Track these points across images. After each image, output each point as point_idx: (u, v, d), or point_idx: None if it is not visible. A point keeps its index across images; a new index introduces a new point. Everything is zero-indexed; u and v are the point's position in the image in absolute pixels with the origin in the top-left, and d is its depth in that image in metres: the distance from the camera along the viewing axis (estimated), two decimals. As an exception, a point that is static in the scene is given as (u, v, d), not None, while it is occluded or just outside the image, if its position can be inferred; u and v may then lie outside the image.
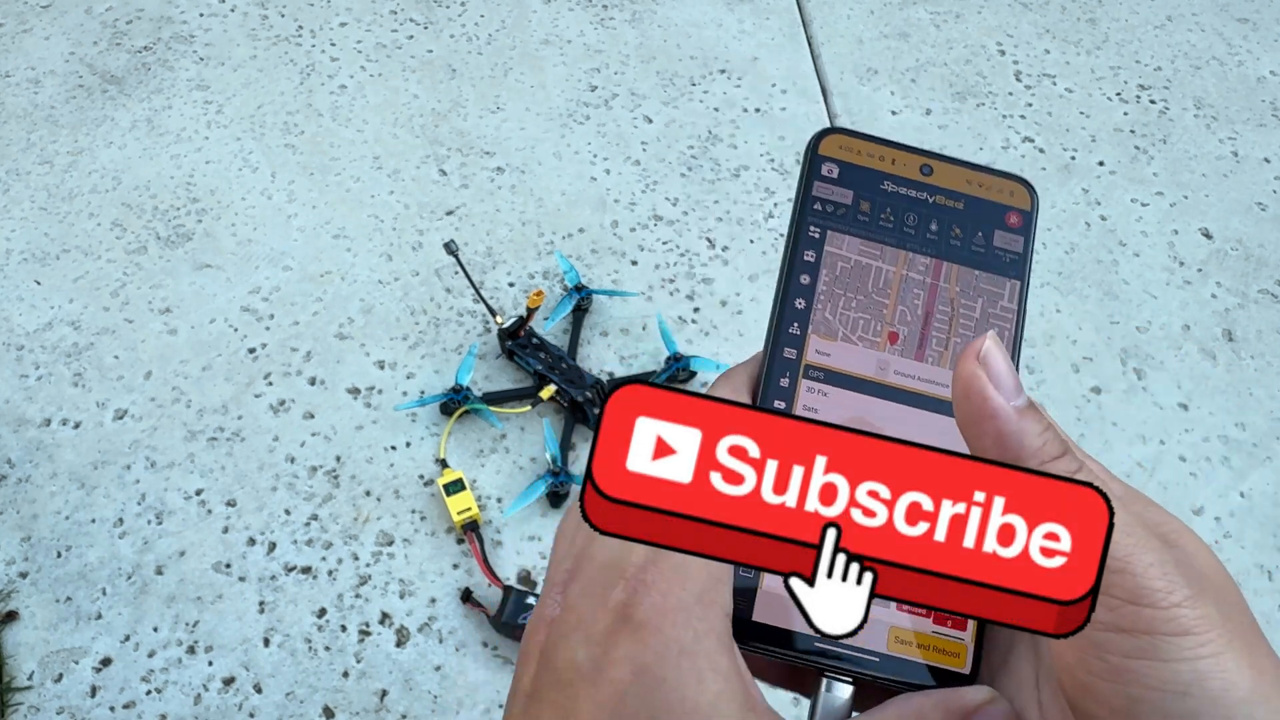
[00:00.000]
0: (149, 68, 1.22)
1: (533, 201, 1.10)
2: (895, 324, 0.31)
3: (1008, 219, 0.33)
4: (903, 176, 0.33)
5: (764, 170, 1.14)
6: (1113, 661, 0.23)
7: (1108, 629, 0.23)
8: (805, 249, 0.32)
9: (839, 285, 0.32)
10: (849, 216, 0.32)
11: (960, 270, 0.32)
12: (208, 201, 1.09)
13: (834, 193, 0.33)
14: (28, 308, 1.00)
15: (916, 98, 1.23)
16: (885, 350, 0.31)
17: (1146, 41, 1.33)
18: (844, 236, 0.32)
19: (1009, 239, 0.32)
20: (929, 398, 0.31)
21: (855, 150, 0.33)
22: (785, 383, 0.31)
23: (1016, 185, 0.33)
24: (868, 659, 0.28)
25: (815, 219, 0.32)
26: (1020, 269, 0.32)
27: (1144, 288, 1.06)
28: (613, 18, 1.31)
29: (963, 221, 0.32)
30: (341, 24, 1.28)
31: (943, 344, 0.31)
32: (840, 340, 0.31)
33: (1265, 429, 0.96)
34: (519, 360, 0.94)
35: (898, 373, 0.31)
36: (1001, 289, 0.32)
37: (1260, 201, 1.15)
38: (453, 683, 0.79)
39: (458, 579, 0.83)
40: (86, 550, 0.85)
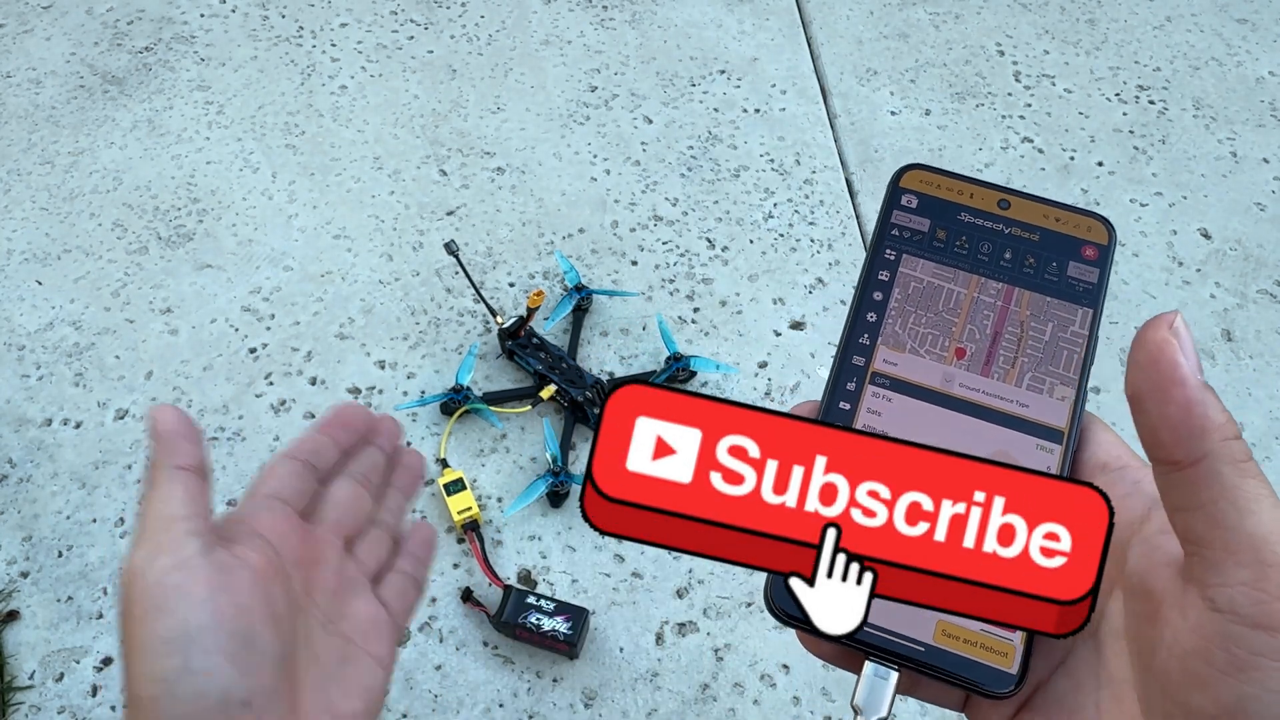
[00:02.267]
0: (150, 68, 1.22)
1: (533, 202, 1.10)
2: (964, 341, 0.33)
3: (1083, 251, 0.34)
4: (979, 209, 0.35)
5: (764, 170, 1.14)
6: (1239, 656, 0.22)
7: (1244, 623, 0.22)
8: (880, 270, 0.34)
9: (910, 303, 0.33)
10: (924, 242, 0.34)
11: (1032, 296, 0.33)
12: (208, 202, 1.09)
13: (911, 221, 0.35)
14: (29, 308, 1.00)
15: (916, 98, 1.23)
16: (952, 364, 0.32)
17: (1145, 42, 1.33)
18: (919, 260, 0.34)
19: (1083, 270, 0.34)
20: (991, 410, 0.32)
21: (935, 184, 0.35)
22: (852, 387, 0.32)
23: (1094, 221, 0.34)
24: (912, 648, 0.29)
25: (891, 243, 0.34)
26: (1094, 298, 0.33)
27: (1143, 288, 1.06)
28: (613, 18, 1.31)
29: (1037, 252, 0.34)
30: (342, 25, 1.28)
31: (1009, 362, 0.32)
32: (908, 352, 0.33)
33: (1264, 429, 0.96)
34: (519, 360, 0.94)
35: (962, 385, 0.32)
36: (1073, 315, 0.33)
37: (1259, 202, 1.15)
38: (453, 682, 0.79)
39: (458, 578, 0.84)
40: (88, 550, 0.85)
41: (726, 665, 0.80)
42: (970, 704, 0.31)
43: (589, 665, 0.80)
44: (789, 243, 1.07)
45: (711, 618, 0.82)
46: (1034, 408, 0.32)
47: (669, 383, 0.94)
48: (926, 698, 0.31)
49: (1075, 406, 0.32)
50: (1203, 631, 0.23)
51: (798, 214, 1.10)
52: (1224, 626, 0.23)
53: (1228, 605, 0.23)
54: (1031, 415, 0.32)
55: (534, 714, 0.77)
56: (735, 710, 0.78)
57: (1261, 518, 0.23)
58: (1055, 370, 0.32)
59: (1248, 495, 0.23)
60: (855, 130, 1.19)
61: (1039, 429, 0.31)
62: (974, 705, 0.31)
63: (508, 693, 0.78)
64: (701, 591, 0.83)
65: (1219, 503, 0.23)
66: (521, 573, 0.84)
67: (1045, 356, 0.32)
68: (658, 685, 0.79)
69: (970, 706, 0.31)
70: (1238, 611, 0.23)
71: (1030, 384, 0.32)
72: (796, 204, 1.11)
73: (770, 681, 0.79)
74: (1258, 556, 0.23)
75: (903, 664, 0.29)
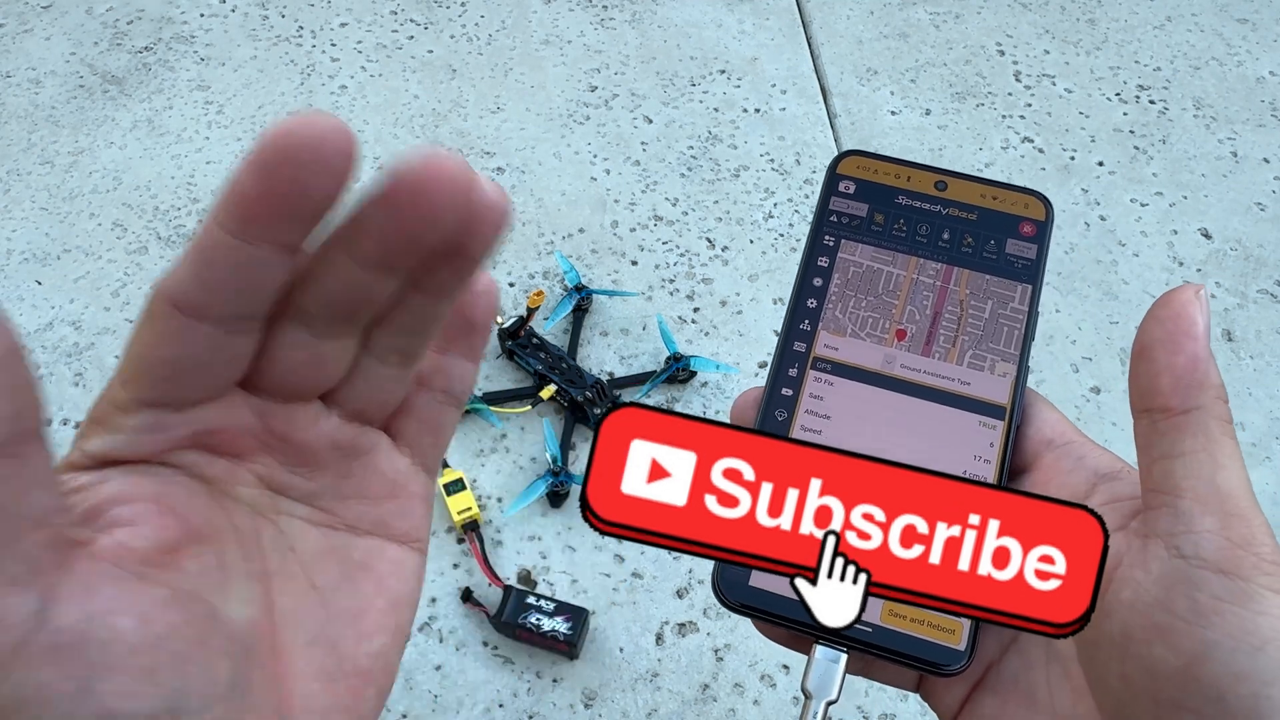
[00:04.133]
0: (150, 68, 1.22)
1: (533, 201, 1.10)
2: (904, 322, 0.33)
3: (1021, 228, 0.34)
4: (917, 191, 0.35)
5: (764, 170, 1.14)
6: (1201, 601, 0.23)
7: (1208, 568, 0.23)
8: (819, 255, 0.34)
9: (850, 287, 0.34)
10: (863, 227, 0.34)
11: (970, 275, 0.33)
12: (208, 202, 1.09)
13: (849, 206, 0.35)
14: (28, 308, 1.00)
15: (916, 98, 1.23)
16: (893, 346, 0.33)
17: (1146, 42, 1.32)
18: (857, 244, 0.34)
19: (1022, 247, 0.34)
20: (932, 389, 0.32)
21: (872, 169, 0.35)
22: (794, 373, 0.33)
23: (1031, 198, 0.34)
24: (860, 629, 0.29)
25: (830, 229, 0.35)
26: (1033, 274, 0.33)
27: (1143, 288, 1.06)
28: (613, 18, 1.30)
29: (975, 231, 0.34)
30: (342, 24, 1.28)
31: (950, 341, 0.33)
32: (849, 336, 0.33)
33: (1264, 429, 0.96)
34: (519, 360, 0.94)
35: (904, 366, 0.32)
36: (1012, 292, 0.33)
37: (1259, 202, 1.15)
38: (453, 682, 0.79)
39: (458, 578, 0.84)
40: (88, 551, 0.85)
41: (727, 665, 0.80)
42: (924, 684, 0.31)
43: (589, 665, 0.80)
44: (789, 242, 1.07)
45: (712, 618, 0.83)
46: (975, 385, 0.32)
47: (668, 383, 0.94)
48: (881, 679, 0.32)
49: (1016, 382, 0.32)
50: (1166, 581, 0.24)
51: (798, 214, 1.10)
52: (1188, 573, 0.23)
53: (1193, 551, 0.24)
54: (973, 393, 0.32)
55: (534, 714, 0.78)
56: (735, 710, 0.78)
57: (1231, 474, 0.24)
58: (996, 347, 0.32)
59: (1225, 452, 0.25)
60: (855, 130, 1.19)
61: (981, 405, 0.32)
62: (928, 685, 0.31)
63: (508, 693, 0.78)
64: (702, 591, 0.84)
65: (1200, 453, 0.25)
66: (521, 573, 0.84)
67: (985, 334, 0.32)
68: (658, 685, 0.79)
69: (924, 686, 0.31)
70: (1203, 557, 0.23)
71: (971, 362, 0.32)
72: (797, 204, 1.11)
73: (770, 682, 0.80)
74: (1224, 507, 0.24)
75: (851, 645, 0.29)
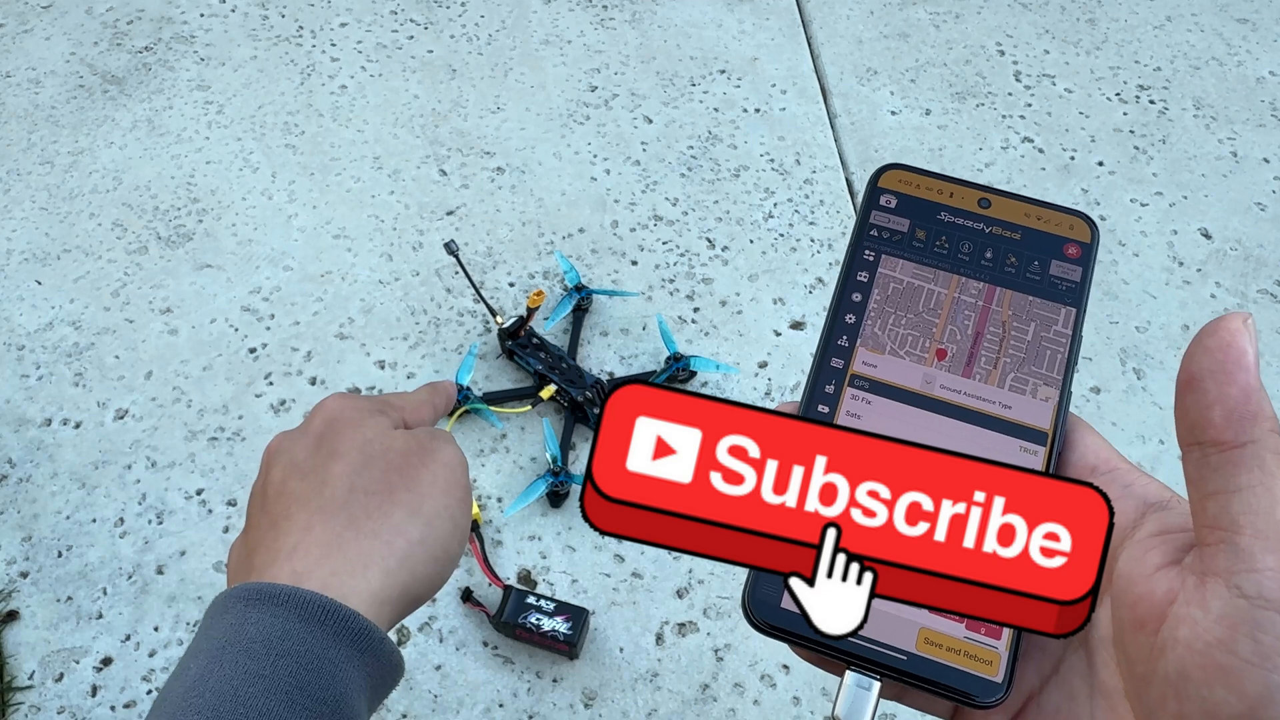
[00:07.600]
0: (149, 68, 1.22)
1: (533, 201, 1.10)
2: (944, 342, 0.32)
3: (1066, 250, 0.33)
4: (959, 208, 0.34)
5: (764, 170, 1.14)
6: (1266, 643, 0.22)
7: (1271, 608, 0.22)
8: (859, 270, 0.34)
9: (890, 304, 0.33)
10: (904, 242, 0.34)
11: (1014, 295, 0.33)
12: (208, 201, 1.09)
13: (890, 221, 0.34)
14: (28, 308, 1.00)
15: (916, 98, 1.23)
16: (932, 365, 0.32)
17: (1146, 42, 1.33)
18: (898, 260, 0.34)
19: (1066, 269, 0.33)
20: (972, 411, 0.31)
21: (914, 184, 0.35)
22: (830, 389, 0.32)
23: (1076, 219, 0.34)
24: (894, 656, 0.28)
25: (870, 244, 0.34)
26: (1077, 297, 0.33)
27: (1143, 288, 1.06)
28: (613, 18, 1.31)
29: (1019, 251, 0.33)
30: (342, 24, 1.28)
31: (991, 363, 0.32)
32: (888, 353, 0.32)
33: (1265, 429, 0.96)
34: (519, 360, 0.94)
35: (943, 387, 0.32)
36: (1056, 315, 0.33)
37: (1259, 201, 1.15)
38: (453, 682, 0.79)
39: (458, 578, 0.83)
40: (87, 550, 0.85)
41: (726, 665, 0.80)
42: (958, 715, 0.30)
43: (589, 665, 0.80)
44: (789, 242, 1.07)
45: (711, 618, 0.82)
46: (1017, 409, 0.31)
47: (669, 383, 0.94)
48: (913, 705, 0.31)
49: (1059, 408, 0.31)
50: (1228, 621, 0.22)
51: (798, 214, 1.10)
52: (1252, 614, 0.22)
53: (1255, 591, 0.22)
54: (1014, 417, 0.31)
55: (534, 714, 0.77)
56: (735, 710, 0.78)
57: None
58: (1038, 371, 0.32)
59: None
60: (855, 130, 1.19)
61: (1022, 430, 0.31)
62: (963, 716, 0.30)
63: (508, 693, 0.78)
64: (701, 591, 0.83)
65: (1256, 488, 0.23)
66: (521, 573, 0.84)
67: (1028, 357, 0.32)
68: (658, 685, 0.79)
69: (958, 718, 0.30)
70: (1266, 597, 0.22)
71: (1013, 385, 0.32)
72: (797, 204, 1.11)
73: (770, 682, 0.79)
74: None
75: (885, 673, 0.28)
